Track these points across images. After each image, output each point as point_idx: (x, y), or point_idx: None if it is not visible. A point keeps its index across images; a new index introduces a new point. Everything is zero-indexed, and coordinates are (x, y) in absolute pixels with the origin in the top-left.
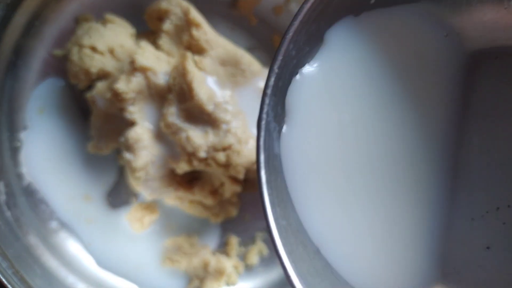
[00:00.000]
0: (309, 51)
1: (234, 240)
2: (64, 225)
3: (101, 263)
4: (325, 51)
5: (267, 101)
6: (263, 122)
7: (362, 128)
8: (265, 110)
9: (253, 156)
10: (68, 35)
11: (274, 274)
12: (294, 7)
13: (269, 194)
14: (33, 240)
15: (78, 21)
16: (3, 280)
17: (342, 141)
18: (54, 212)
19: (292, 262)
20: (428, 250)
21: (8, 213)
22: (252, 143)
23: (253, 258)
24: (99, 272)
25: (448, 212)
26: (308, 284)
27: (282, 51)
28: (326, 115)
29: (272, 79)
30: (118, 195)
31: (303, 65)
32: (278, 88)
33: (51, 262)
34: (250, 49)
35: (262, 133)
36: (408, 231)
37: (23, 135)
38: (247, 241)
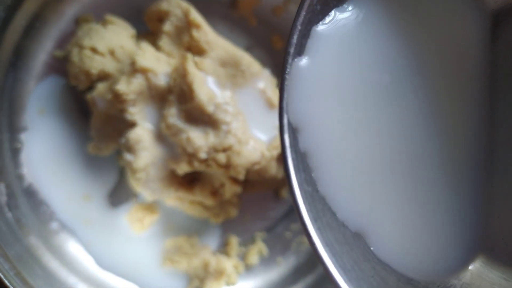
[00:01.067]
0: (336, 5)
1: (234, 240)
2: (64, 226)
3: (101, 263)
4: (357, 1)
5: (289, 60)
6: (286, 83)
7: (400, 90)
8: (287, 70)
9: (253, 157)
10: (69, 36)
11: (274, 273)
12: (293, 7)
13: (293, 159)
14: (34, 241)
15: (78, 22)
16: (5, 281)
17: (377, 103)
18: (54, 213)
19: (318, 229)
20: (469, 221)
21: (9, 214)
22: (252, 144)
23: (253, 258)
24: (100, 272)
25: (493, 180)
26: (335, 252)
27: (305, 6)
28: (360, 71)
29: (295, 37)
30: (119, 195)
31: None
32: (301, 46)
33: (52, 263)
34: (249, 48)
35: (285, 95)
36: (446, 201)
37: (23, 136)
38: (247, 241)
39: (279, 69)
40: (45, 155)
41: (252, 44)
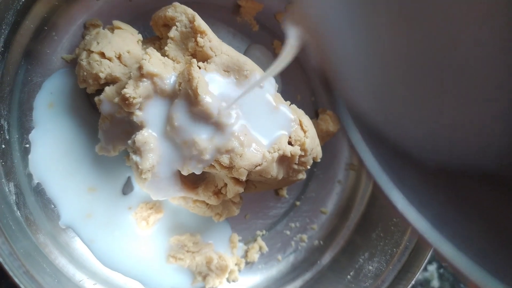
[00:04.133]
0: None
1: (235, 238)
2: (68, 223)
3: (106, 260)
4: None
5: None
6: None
7: None
8: None
9: (254, 159)
10: (77, 40)
11: (274, 271)
12: None
13: None
14: (42, 238)
15: (86, 26)
16: (15, 279)
17: None
18: (60, 210)
19: None
20: None
21: (17, 213)
22: (254, 146)
23: (254, 255)
24: (106, 269)
25: None
26: None
27: None
28: None
29: None
30: (125, 194)
31: None
32: None
33: (60, 260)
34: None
35: None
36: None
37: (32, 133)
38: (248, 239)
39: (281, 73)
40: (53, 151)
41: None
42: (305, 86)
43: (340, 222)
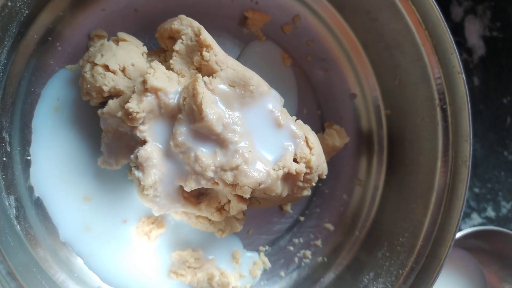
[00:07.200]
0: None
1: (238, 254)
2: (66, 238)
3: (106, 276)
4: None
5: None
6: None
7: None
8: None
9: (259, 177)
10: (81, 51)
11: (276, 287)
12: (302, 25)
13: None
14: (41, 253)
15: (91, 37)
16: None
17: None
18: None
19: None
20: None
21: (17, 227)
22: (259, 164)
23: (256, 271)
24: (106, 284)
25: None
26: None
27: None
28: None
29: None
30: (126, 208)
31: None
32: None
33: (59, 275)
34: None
35: None
36: None
37: (33, 147)
38: None
39: (293, 89)
40: (55, 164)
41: None
42: (311, 99)
43: (345, 239)
